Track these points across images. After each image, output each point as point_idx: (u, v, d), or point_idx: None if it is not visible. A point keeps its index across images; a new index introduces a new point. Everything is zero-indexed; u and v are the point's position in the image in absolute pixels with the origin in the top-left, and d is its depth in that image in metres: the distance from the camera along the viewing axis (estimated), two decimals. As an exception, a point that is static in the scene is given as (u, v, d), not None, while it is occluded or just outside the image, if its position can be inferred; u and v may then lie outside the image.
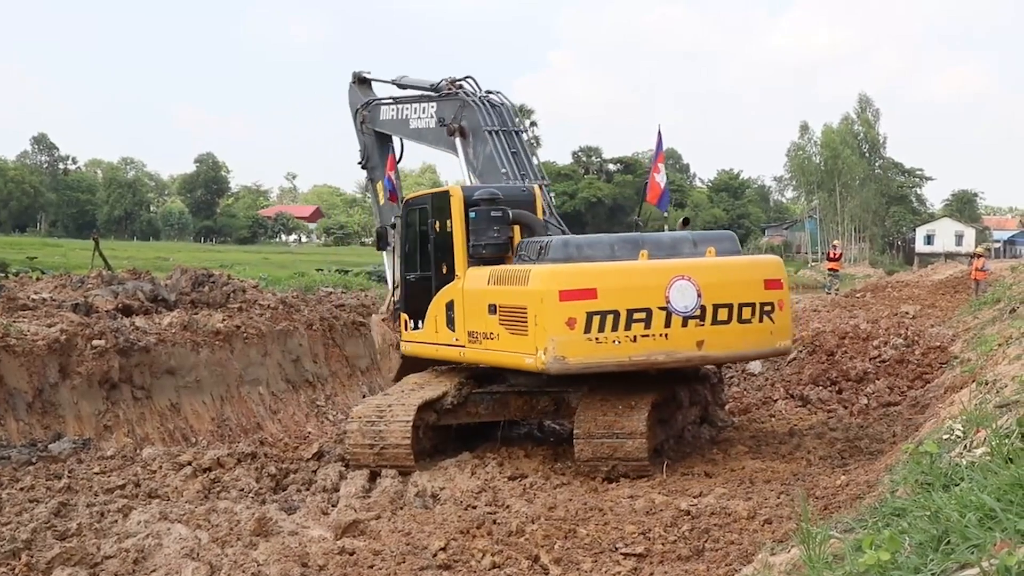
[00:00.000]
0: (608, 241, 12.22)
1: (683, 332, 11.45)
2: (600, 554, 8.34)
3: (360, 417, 12.52)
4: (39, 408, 13.57)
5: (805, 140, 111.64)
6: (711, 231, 13.18)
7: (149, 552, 8.52)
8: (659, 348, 11.40)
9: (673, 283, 11.41)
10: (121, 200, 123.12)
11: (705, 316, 11.53)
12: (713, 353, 11.92)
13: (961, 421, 7.14)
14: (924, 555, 4.28)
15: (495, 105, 14.92)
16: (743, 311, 11.75)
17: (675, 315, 11.39)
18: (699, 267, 11.80)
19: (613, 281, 11.43)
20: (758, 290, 11.93)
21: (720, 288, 11.68)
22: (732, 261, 12.30)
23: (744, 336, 11.84)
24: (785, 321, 12.22)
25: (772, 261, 12.95)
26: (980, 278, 33.48)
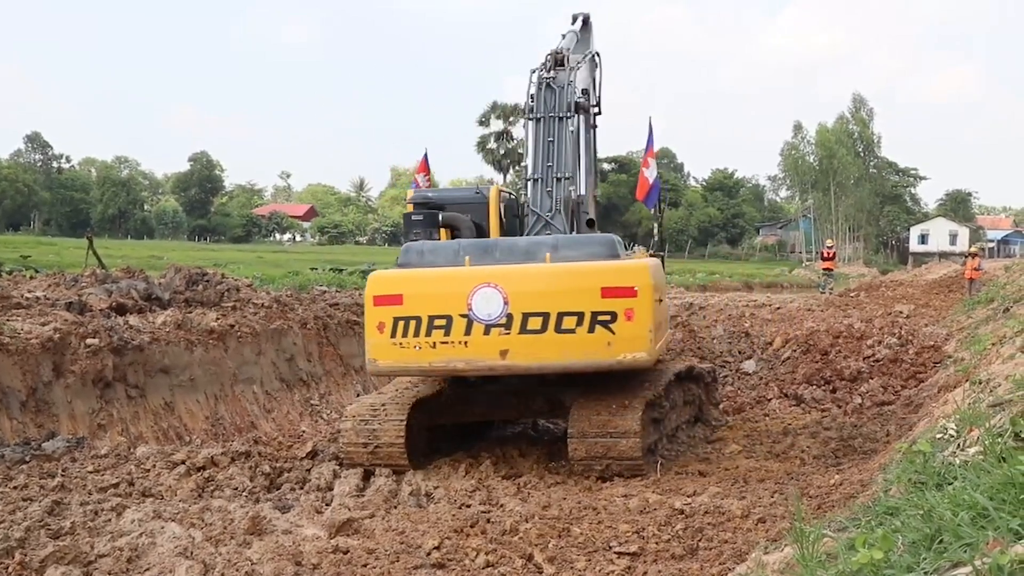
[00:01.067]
0: (453, 247, 12.22)
1: (484, 340, 11.39)
2: (594, 553, 8.35)
3: (354, 416, 12.53)
4: (33, 407, 13.54)
5: (799, 139, 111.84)
6: (584, 235, 12.61)
7: (143, 551, 8.51)
8: (458, 356, 11.50)
9: (476, 291, 11.39)
10: (115, 199, 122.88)
11: (511, 325, 11.36)
12: (520, 363, 11.52)
13: (955, 420, 7.14)
14: (917, 554, 4.29)
15: (553, 88, 14.29)
16: (563, 320, 11.31)
17: (476, 323, 11.39)
18: (508, 274, 11.57)
19: (418, 287, 11.72)
20: (591, 299, 11.31)
21: (533, 296, 11.43)
22: (556, 268, 11.66)
23: (564, 347, 11.35)
24: (636, 331, 11.32)
25: (623, 268, 11.74)
26: (974, 277, 33.56)
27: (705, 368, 15.09)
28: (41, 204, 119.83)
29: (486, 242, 12.40)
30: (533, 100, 14.08)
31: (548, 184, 13.45)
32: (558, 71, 14.35)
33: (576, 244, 12.00)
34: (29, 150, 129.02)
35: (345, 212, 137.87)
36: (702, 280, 57.28)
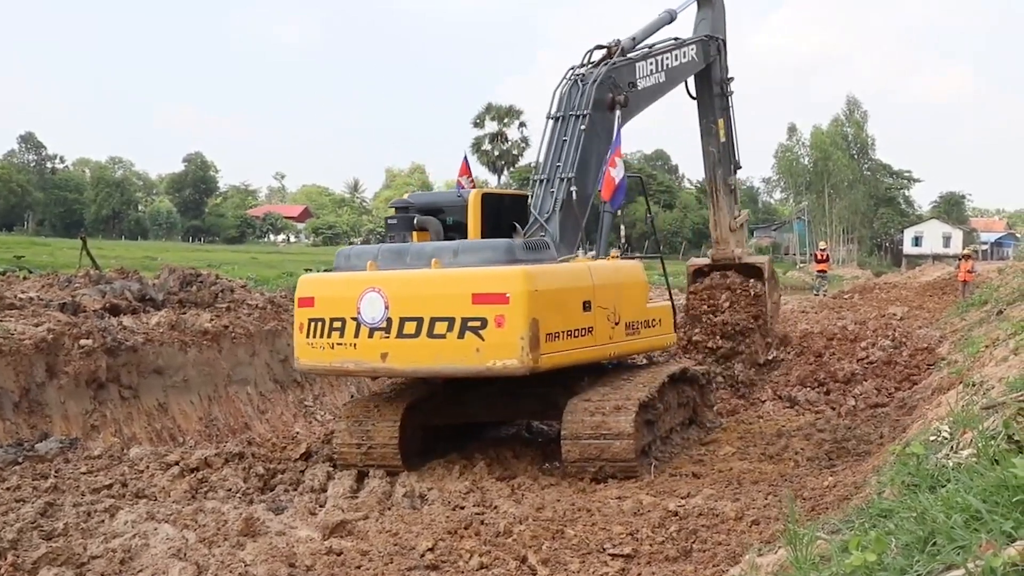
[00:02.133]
0: (372, 252, 12.46)
1: (369, 343, 11.70)
2: (588, 555, 8.35)
3: (348, 417, 12.53)
4: (26, 408, 13.52)
5: (793, 142, 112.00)
6: (485, 240, 12.46)
7: (136, 552, 8.50)
8: (349, 357, 11.90)
9: (364, 295, 11.70)
10: (109, 199, 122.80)
11: (391, 328, 11.56)
12: (397, 367, 11.78)
13: (948, 422, 7.16)
14: (910, 556, 4.29)
15: (579, 85, 14.24)
16: (436, 325, 11.35)
17: (363, 326, 11.72)
18: (389, 279, 11.80)
19: (324, 291, 12.32)
20: (462, 304, 11.27)
21: (410, 301, 11.55)
22: (432, 273, 11.69)
23: (436, 352, 11.39)
24: (506, 338, 11.12)
25: (496, 274, 11.48)
26: (967, 280, 33.63)
27: (699, 370, 15.07)
28: (35, 204, 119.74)
29: (400, 247, 12.52)
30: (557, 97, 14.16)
31: (553, 185, 13.45)
32: (597, 66, 14.35)
33: (474, 249, 11.97)
34: (23, 150, 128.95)
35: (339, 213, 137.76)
36: (696, 282, 57.20)
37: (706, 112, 18.88)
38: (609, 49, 15.01)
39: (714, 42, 18.29)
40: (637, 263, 13.81)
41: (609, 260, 13.28)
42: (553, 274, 11.86)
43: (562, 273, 12.10)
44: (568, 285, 11.96)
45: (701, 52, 17.68)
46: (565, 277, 12.07)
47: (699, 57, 17.62)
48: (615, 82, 14.45)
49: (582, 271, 12.39)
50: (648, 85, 15.60)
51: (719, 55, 18.51)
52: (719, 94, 18.81)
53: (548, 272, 11.78)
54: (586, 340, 11.98)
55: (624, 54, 15.15)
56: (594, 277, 12.34)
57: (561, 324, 11.54)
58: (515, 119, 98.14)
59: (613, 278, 12.83)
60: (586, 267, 12.51)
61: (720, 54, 18.57)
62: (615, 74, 14.54)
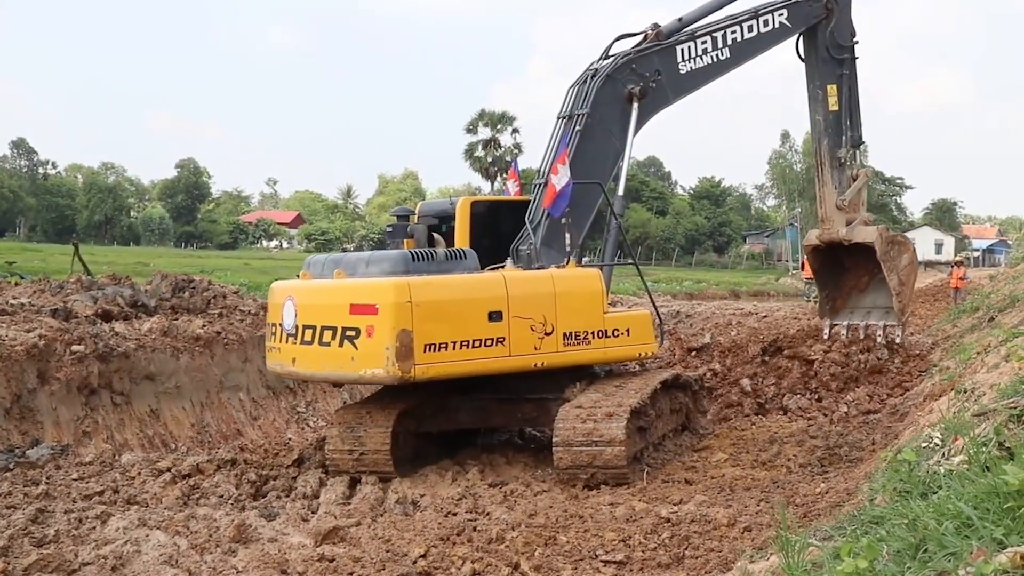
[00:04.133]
0: (321, 261, 13.06)
1: (286, 347, 12.50)
2: (580, 561, 8.36)
3: (340, 423, 12.52)
4: (17, 414, 13.49)
5: (786, 148, 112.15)
6: (385, 251, 12.79)
7: (128, 559, 8.48)
8: (276, 360, 12.85)
9: (285, 303, 12.49)
10: (101, 205, 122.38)
11: (298, 335, 12.21)
12: (300, 371, 12.56)
13: (939, 429, 7.17)
14: (902, 563, 4.30)
15: (587, 83, 14.10)
16: (324, 334, 11.87)
17: (283, 332, 12.51)
18: (299, 289, 12.63)
19: (272, 298, 13.20)
20: (342, 314, 11.69)
21: (309, 310, 12.20)
22: (324, 284, 12.42)
23: (324, 358, 11.92)
24: (375, 348, 11.31)
25: (368, 286, 11.80)
26: (959, 286, 33.69)
27: (692, 376, 15.08)
28: (26, 210, 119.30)
29: (339, 257, 13.20)
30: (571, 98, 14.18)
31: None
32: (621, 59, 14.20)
33: (376, 260, 12.32)
34: (14, 156, 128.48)
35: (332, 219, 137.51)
36: (689, 288, 57.46)
37: (813, 76, 17.24)
38: (646, 35, 14.65)
39: (818, 1, 16.58)
40: (592, 271, 13.28)
41: (565, 268, 12.98)
42: (440, 285, 11.81)
43: (456, 284, 12.03)
44: (463, 296, 11.91)
45: (797, 16, 16.32)
46: (460, 288, 12.02)
47: (793, 22, 16.27)
48: (636, 71, 14.20)
49: (489, 281, 12.28)
50: (699, 66, 14.98)
51: (829, 14, 16.70)
52: (827, 58, 16.98)
53: (432, 284, 11.74)
54: (495, 351, 11.91)
55: (664, 38, 14.64)
56: (509, 287, 12.20)
57: (450, 335, 11.58)
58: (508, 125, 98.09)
59: (541, 288, 12.50)
60: (500, 277, 12.39)
61: (831, 12, 16.68)
62: (638, 63, 14.25)
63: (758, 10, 15.84)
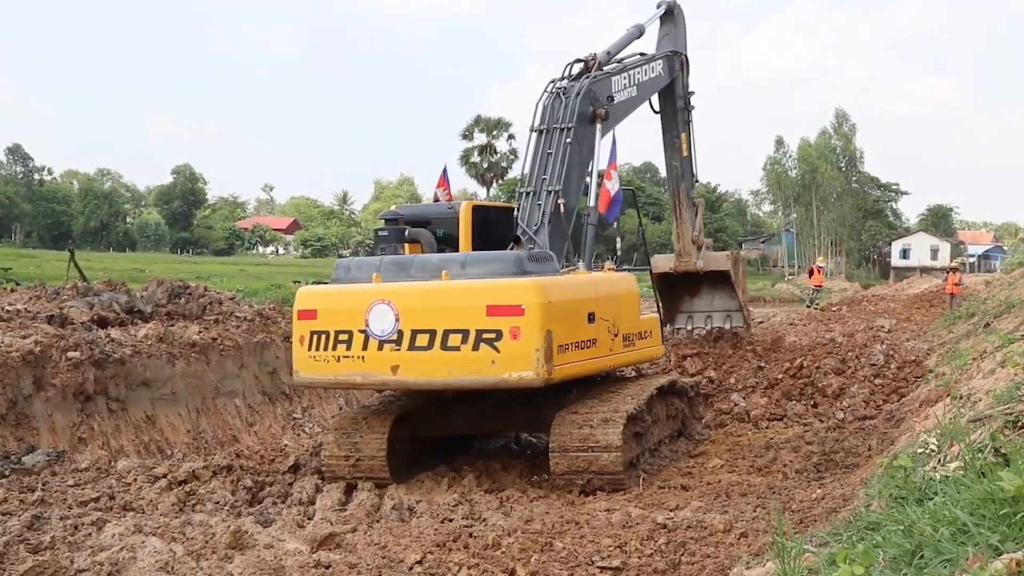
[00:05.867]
0: (375, 263, 12.35)
1: (378, 356, 11.62)
2: (576, 567, 8.35)
3: (336, 429, 12.52)
4: (12, 420, 13.46)
5: (781, 154, 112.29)
6: (493, 252, 12.49)
7: (123, 565, 8.46)
8: (356, 370, 11.80)
9: (373, 307, 11.65)
10: (97, 211, 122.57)
11: (402, 341, 11.50)
12: (409, 379, 11.68)
13: (935, 435, 7.18)
14: (898, 569, 4.30)
15: (562, 98, 14.25)
16: (449, 337, 11.33)
17: (372, 338, 11.63)
18: (401, 291, 11.73)
19: (328, 303, 12.17)
20: (477, 316, 11.28)
21: (422, 313, 11.52)
22: (444, 285, 11.65)
23: (449, 364, 11.37)
24: (522, 350, 11.13)
25: (510, 286, 11.49)
26: (955, 292, 33.74)
27: (688, 382, 15.09)
28: (22, 216, 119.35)
29: (404, 259, 12.46)
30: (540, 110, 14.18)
31: (540, 197, 13.47)
32: (578, 80, 14.41)
33: (482, 261, 11.98)
34: (10, 162, 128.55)
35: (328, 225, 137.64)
36: (685, 294, 57.28)
37: (670, 127, 19.03)
38: (587, 63, 15.08)
39: (678, 58, 18.42)
40: (630, 275, 13.85)
41: (605, 272, 13.36)
42: (563, 286, 11.96)
43: (570, 285, 12.21)
44: (575, 296, 12.05)
45: (667, 67, 17.79)
46: (573, 288, 12.18)
47: (665, 72, 17.71)
48: (595, 96, 14.51)
49: (586, 283, 12.51)
50: (623, 99, 15.69)
51: (682, 70, 18.65)
52: (682, 108, 18.90)
53: (558, 283, 11.88)
54: (590, 352, 12.06)
55: (600, 68, 15.20)
56: (596, 289, 12.43)
57: (570, 336, 11.60)
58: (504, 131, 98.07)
59: (612, 290, 12.92)
60: (589, 279, 12.64)
61: (683, 69, 18.68)
62: (595, 88, 14.61)
63: (651, 57, 17.14)
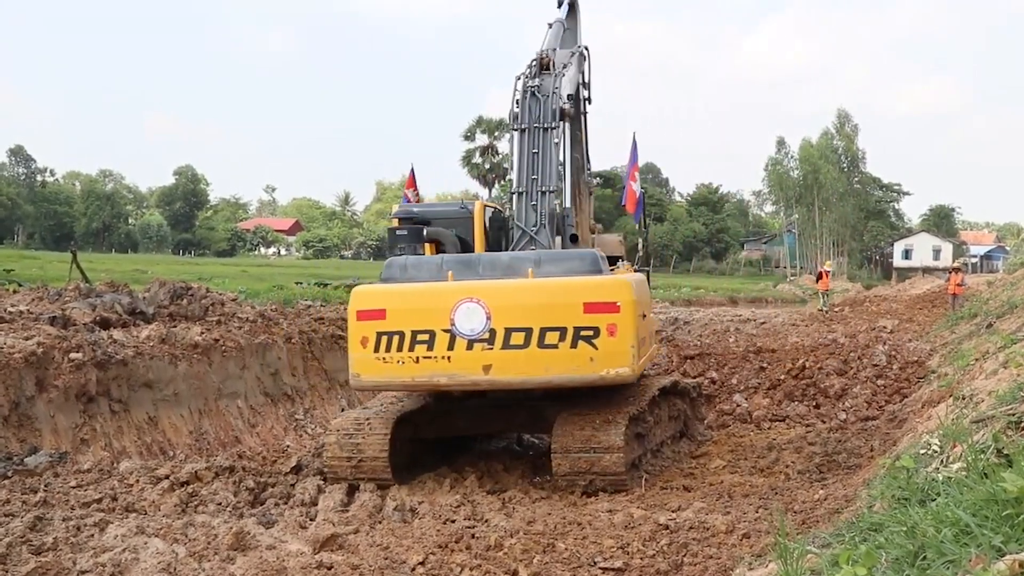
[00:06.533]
0: (436, 262, 12.23)
1: (468, 355, 11.40)
2: (579, 568, 8.35)
3: (338, 430, 12.52)
4: (15, 421, 13.47)
5: (783, 155, 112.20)
6: (567, 250, 12.61)
7: (126, 566, 8.47)
8: (441, 370, 11.50)
9: (459, 305, 11.39)
10: (99, 212, 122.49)
11: (494, 340, 11.34)
12: (503, 378, 11.51)
13: (938, 436, 7.17)
14: (900, 570, 4.30)
15: (538, 97, 14.13)
16: (546, 335, 11.29)
17: (459, 338, 11.37)
18: (491, 289, 11.56)
19: (401, 302, 11.72)
20: (574, 314, 11.31)
21: (516, 311, 11.42)
22: (538, 283, 11.63)
23: (547, 362, 11.33)
24: (619, 347, 11.30)
25: (605, 283, 11.71)
26: (957, 293, 33.71)
27: (690, 383, 15.09)
28: (24, 218, 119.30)
29: (469, 257, 12.40)
30: (518, 109, 14.09)
31: (533, 198, 13.43)
32: (543, 77, 14.32)
33: (558, 259, 11.98)
34: (12, 163, 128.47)
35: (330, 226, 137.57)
36: (687, 295, 57.53)
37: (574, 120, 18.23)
38: (542, 60, 14.96)
39: (584, 51, 17.77)
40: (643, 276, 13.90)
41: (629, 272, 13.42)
42: (638, 285, 12.23)
43: (642, 284, 12.64)
44: (644, 295, 12.50)
45: (580, 62, 17.27)
46: (643, 288, 12.61)
47: (579, 67, 17.23)
48: (559, 94, 14.46)
49: (643, 282, 12.73)
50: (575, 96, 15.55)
51: (586, 62, 17.97)
52: (585, 99, 18.05)
53: (639, 282, 12.27)
54: (645, 349, 12.27)
55: (553, 65, 14.95)
56: (645, 288, 12.65)
57: (643, 332, 11.95)
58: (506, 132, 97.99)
59: (646, 289, 13.20)
60: (642, 279, 12.83)
61: (586, 61, 17.97)
62: (560, 86, 14.52)
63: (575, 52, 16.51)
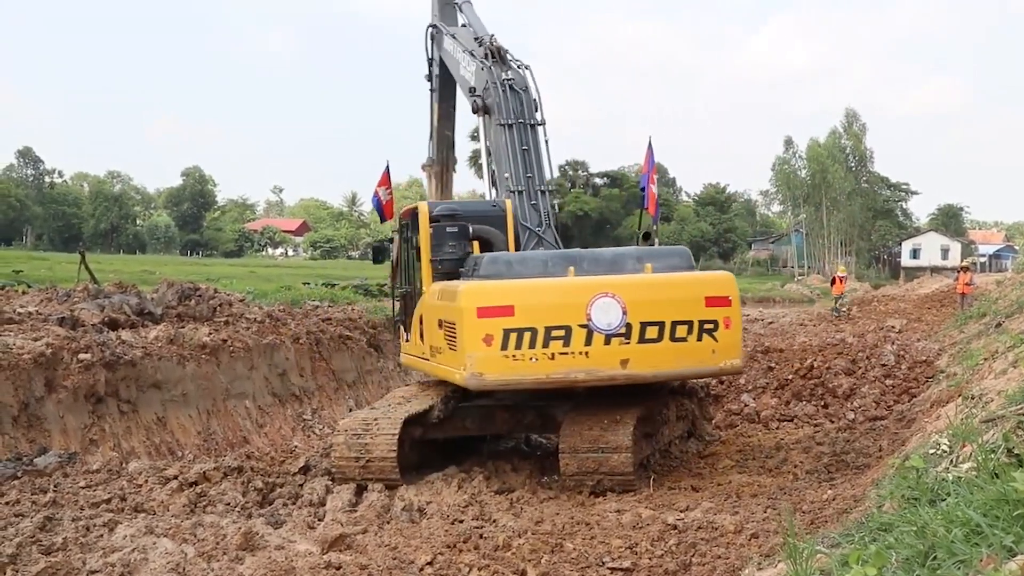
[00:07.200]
0: (541, 258, 12.20)
1: (605, 350, 11.32)
2: (587, 568, 8.35)
3: (346, 430, 12.50)
4: (24, 422, 13.51)
5: (790, 154, 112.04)
6: (661, 247, 12.87)
7: (135, 567, 8.48)
8: (579, 366, 11.32)
9: (595, 300, 11.30)
10: (107, 213, 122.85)
11: (631, 334, 11.34)
12: (640, 372, 11.52)
13: (947, 436, 7.16)
14: (910, 570, 4.29)
15: (517, 91, 14.19)
16: (677, 329, 11.43)
17: (597, 333, 11.28)
18: (626, 284, 11.61)
19: (531, 298, 11.44)
20: (697, 307, 11.55)
21: (650, 306, 11.47)
22: (667, 278, 11.88)
23: (678, 355, 11.51)
24: (733, 339, 11.74)
25: (718, 278, 12.43)
26: (966, 292, 33.65)
27: (698, 383, 15.07)
28: (33, 219, 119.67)
29: (567, 253, 12.50)
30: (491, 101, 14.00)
31: (532, 196, 13.43)
32: (507, 68, 14.32)
33: (657, 256, 12.28)
34: (21, 165, 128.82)
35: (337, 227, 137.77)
36: (695, 295, 57.26)
37: (446, 96, 17.94)
38: (491, 48, 14.76)
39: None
40: None
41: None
42: None
43: None
44: None
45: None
46: None
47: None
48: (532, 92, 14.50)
49: None
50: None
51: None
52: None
53: None
54: None
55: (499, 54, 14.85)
56: None
57: None
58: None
59: None
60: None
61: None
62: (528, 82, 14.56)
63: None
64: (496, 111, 14.03)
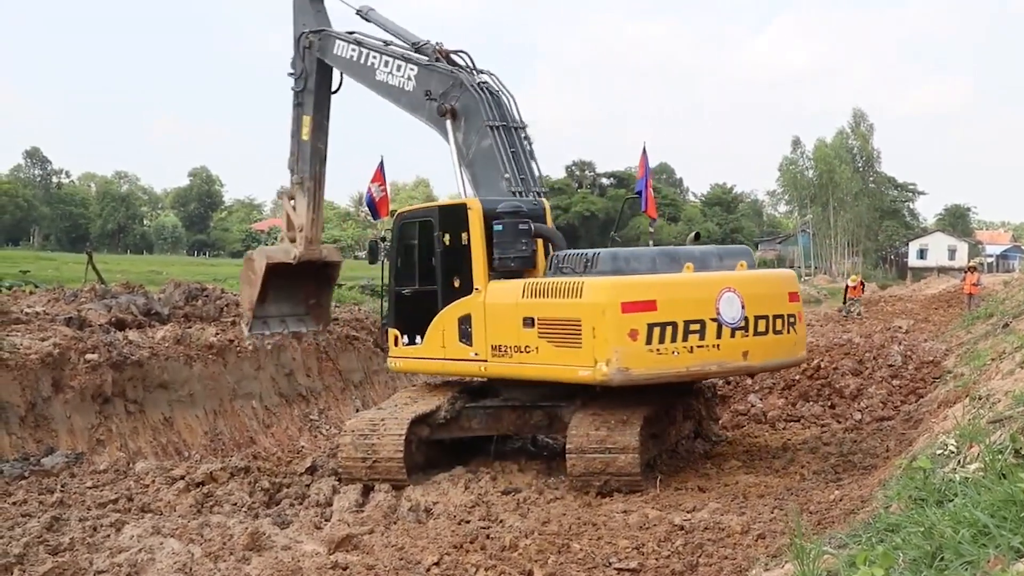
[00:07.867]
0: (649, 254, 12.33)
1: (731, 343, 11.75)
2: (594, 569, 8.34)
3: (353, 431, 12.52)
4: (32, 422, 13.54)
5: (797, 155, 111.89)
6: (730, 246, 13.41)
7: (142, 567, 8.50)
8: (712, 359, 11.65)
9: (722, 295, 11.68)
10: (114, 214, 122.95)
11: (748, 327, 11.85)
12: (756, 363, 12.28)
13: (954, 436, 7.13)
14: (918, 571, 4.29)
15: (494, 93, 14.17)
16: (776, 322, 12.12)
17: (724, 326, 11.66)
18: (742, 280, 12.16)
19: (670, 293, 11.55)
20: (785, 302, 12.36)
21: (759, 300, 12.05)
22: (765, 274, 13.09)
23: (777, 346, 12.21)
24: (803, 332, 12.74)
25: (792, 275, 13.44)
26: (973, 292, 33.60)
27: (705, 383, 15.04)
28: (40, 219, 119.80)
29: (666, 250, 12.80)
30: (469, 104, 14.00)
31: (531, 197, 13.42)
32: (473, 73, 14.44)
33: (731, 254, 12.79)
34: (28, 165, 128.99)
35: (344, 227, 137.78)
36: (701, 295, 57.31)
37: (320, 107, 18.39)
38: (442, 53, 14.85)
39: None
40: None
41: None
42: None
43: None
44: None
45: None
46: None
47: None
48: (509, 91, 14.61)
49: None
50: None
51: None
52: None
53: None
54: None
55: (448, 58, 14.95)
56: None
57: None
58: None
59: None
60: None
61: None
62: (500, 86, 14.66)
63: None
64: (475, 113, 13.99)
